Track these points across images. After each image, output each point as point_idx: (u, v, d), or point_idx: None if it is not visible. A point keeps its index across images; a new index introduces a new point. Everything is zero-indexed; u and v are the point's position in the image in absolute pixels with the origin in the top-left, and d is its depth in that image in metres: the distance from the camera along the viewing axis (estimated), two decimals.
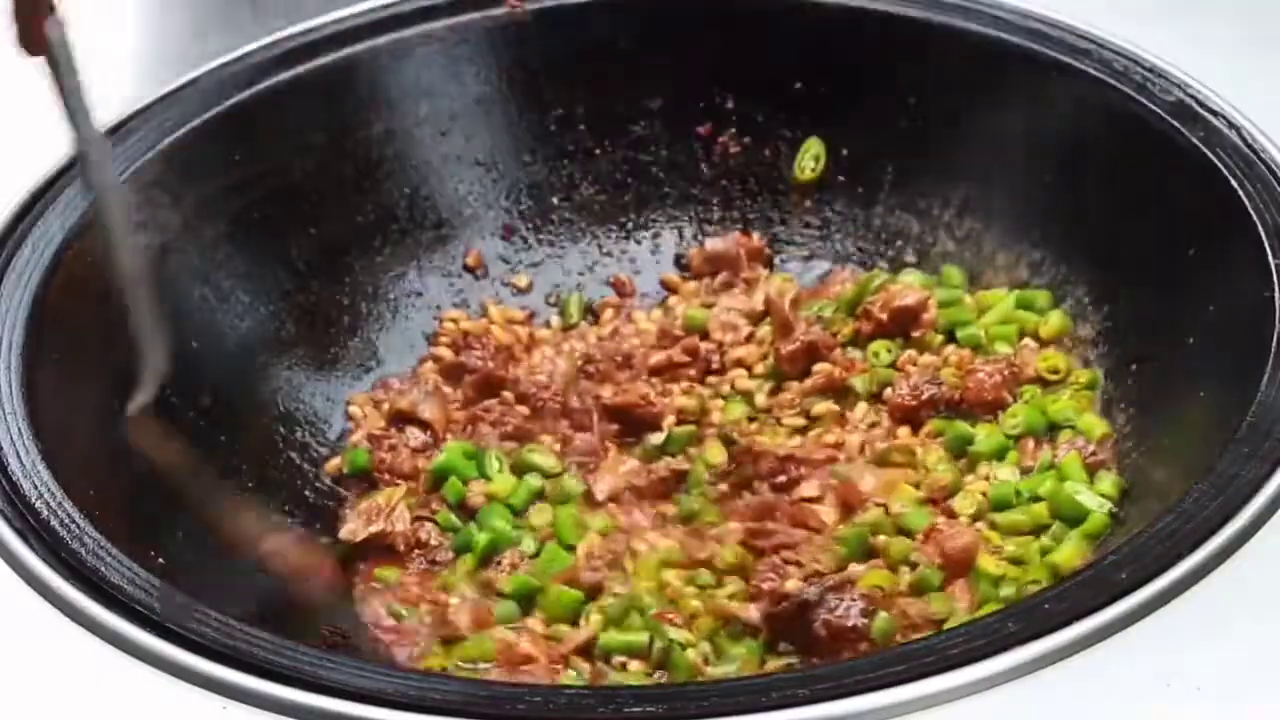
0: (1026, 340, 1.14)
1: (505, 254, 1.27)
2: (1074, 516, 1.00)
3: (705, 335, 1.20)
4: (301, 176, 1.18)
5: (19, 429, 0.90)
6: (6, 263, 1.00)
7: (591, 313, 1.26)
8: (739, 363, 1.18)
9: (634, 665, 0.95)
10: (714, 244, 1.27)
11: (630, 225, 1.30)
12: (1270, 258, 0.95)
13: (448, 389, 1.17)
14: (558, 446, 1.13)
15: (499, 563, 1.03)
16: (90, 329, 1.01)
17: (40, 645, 0.80)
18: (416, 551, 1.06)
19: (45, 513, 0.85)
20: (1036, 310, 1.15)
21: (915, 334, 1.15)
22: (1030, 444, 1.07)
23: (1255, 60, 1.13)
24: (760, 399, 1.15)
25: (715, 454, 1.10)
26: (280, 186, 1.17)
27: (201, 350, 1.09)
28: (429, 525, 1.07)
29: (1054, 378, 1.11)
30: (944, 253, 1.22)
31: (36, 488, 0.87)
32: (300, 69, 1.19)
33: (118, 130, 1.11)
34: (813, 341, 1.15)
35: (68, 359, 0.98)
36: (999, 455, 1.06)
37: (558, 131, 1.28)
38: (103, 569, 0.82)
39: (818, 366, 1.14)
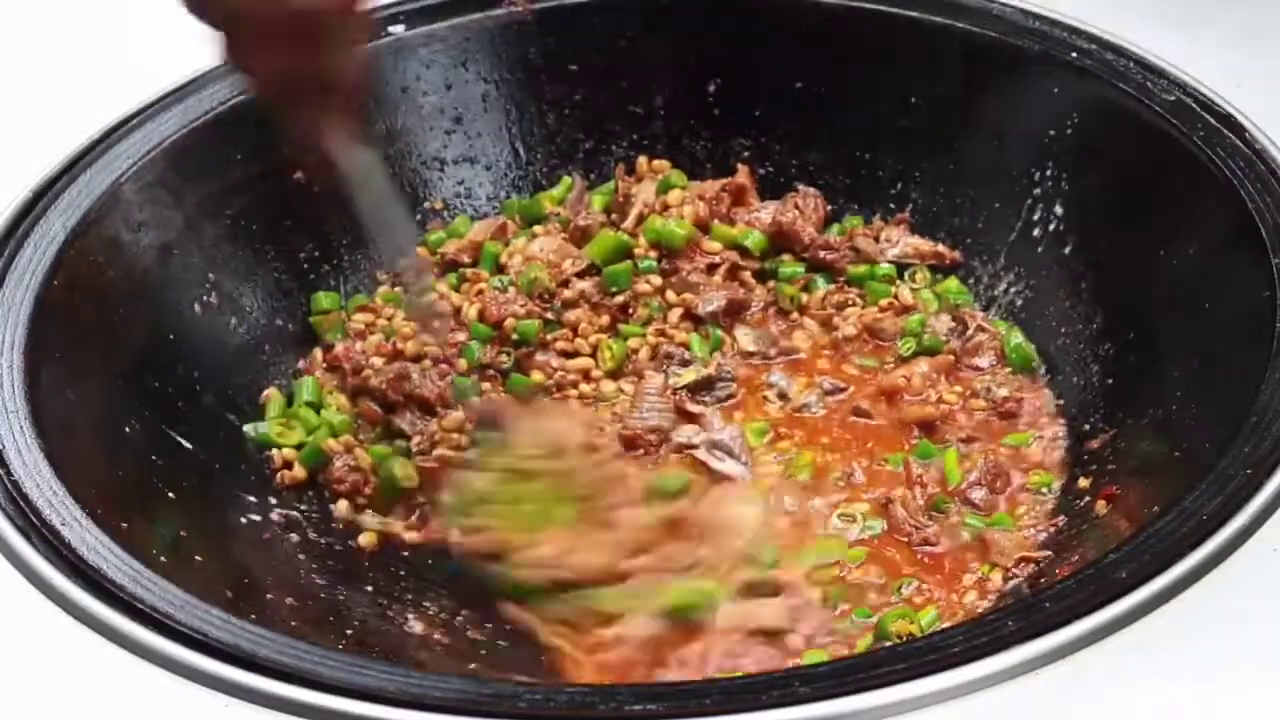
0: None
1: None
2: None
3: None
4: (302, 176, 1.18)
5: (21, 427, 0.90)
6: (9, 262, 1.00)
7: None
8: None
9: None
10: None
11: None
12: (1271, 257, 0.96)
13: None
14: None
15: None
16: (92, 328, 1.02)
17: (42, 642, 0.80)
18: None
19: (47, 511, 0.86)
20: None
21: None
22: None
23: (1255, 60, 1.13)
24: None
25: None
26: (281, 186, 1.18)
27: (204, 349, 1.10)
28: None
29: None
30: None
31: (39, 486, 0.87)
32: None
33: (118, 130, 1.11)
34: None
35: (69, 358, 0.98)
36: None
37: (558, 130, 1.28)
38: (105, 567, 0.82)
39: None
